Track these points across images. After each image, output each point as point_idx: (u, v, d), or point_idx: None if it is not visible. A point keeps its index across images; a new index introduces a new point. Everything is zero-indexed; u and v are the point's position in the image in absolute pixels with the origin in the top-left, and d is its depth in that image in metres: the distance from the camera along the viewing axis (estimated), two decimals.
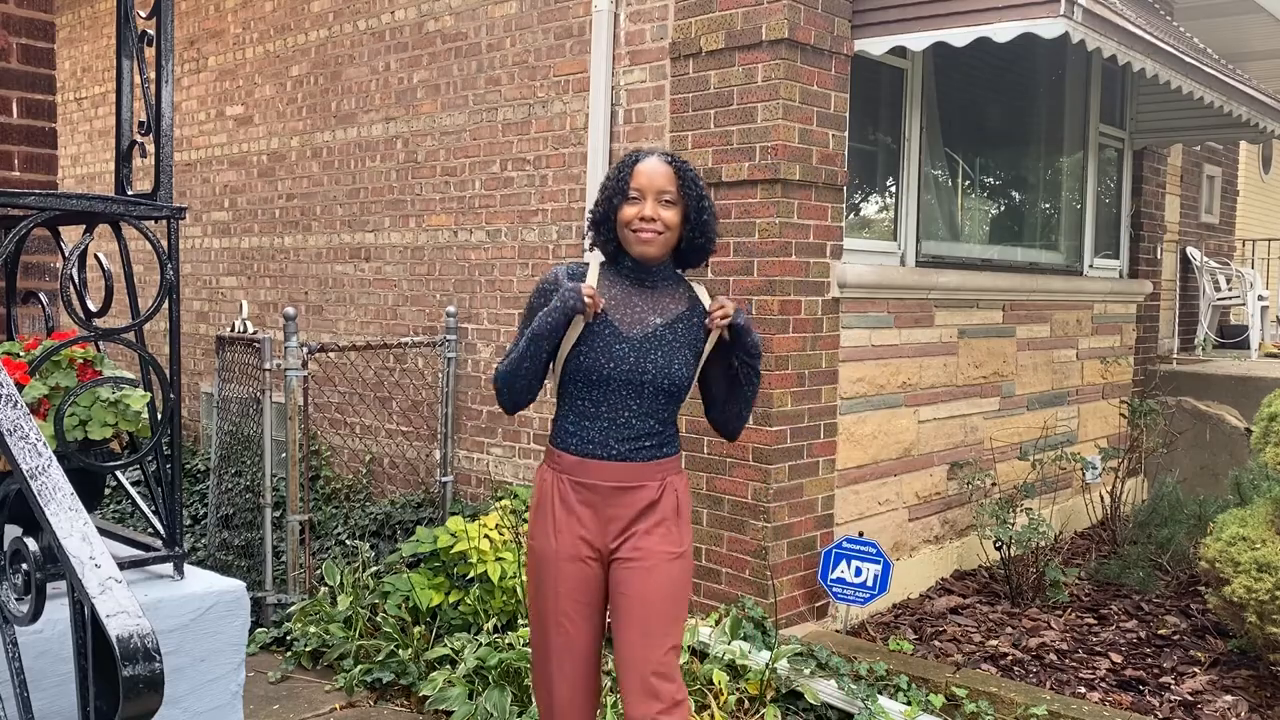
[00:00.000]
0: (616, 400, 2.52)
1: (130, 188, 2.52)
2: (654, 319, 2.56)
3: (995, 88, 5.90)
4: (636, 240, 2.51)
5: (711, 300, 2.62)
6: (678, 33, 4.58)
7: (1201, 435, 6.86)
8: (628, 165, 2.54)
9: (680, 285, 2.65)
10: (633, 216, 2.50)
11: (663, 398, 2.54)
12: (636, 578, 2.50)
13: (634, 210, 2.50)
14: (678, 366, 2.54)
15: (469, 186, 5.66)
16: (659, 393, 2.52)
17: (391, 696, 4.08)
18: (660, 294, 2.60)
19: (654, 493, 2.55)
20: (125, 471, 2.45)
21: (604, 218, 2.56)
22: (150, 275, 2.54)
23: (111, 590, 1.51)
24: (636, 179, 2.50)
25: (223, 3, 7.34)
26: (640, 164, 2.52)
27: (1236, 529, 4.05)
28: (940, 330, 5.23)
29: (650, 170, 2.50)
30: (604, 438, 2.52)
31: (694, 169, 2.58)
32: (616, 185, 2.53)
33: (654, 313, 2.57)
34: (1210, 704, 3.92)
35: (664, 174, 2.50)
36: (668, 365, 2.52)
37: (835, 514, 4.66)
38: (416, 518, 5.56)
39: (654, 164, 2.51)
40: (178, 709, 2.21)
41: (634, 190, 2.50)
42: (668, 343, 2.54)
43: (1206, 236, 9.35)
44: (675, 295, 2.62)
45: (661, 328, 2.55)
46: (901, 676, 3.90)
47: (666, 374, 2.52)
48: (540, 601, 2.60)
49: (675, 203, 2.52)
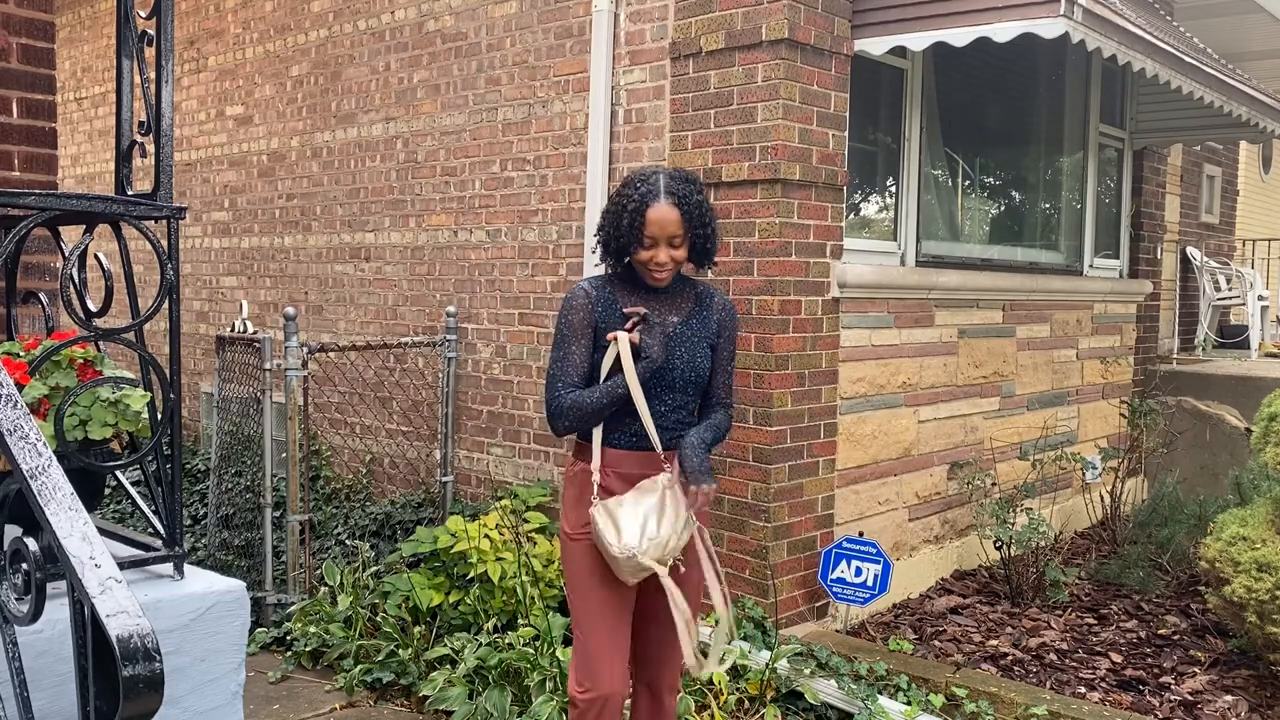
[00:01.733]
0: (652, 396, 2.70)
1: (130, 188, 2.52)
2: (672, 318, 2.77)
3: (995, 88, 5.90)
4: (651, 278, 2.73)
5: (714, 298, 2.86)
6: (678, 33, 4.58)
7: (1201, 435, 6.86)
8: (640, 212, 2.65)
9: (685, 283, 2.85)
10: (648, 259, 2.69)
11: (691, 390, 2.76)
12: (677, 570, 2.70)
13: (648, 255, 2.68)
14: (700, 359, 2.77)
15: (469, 186, 5.66)
16: (687, 385, 2.75)
17: (391, 696, 4.08)
18: (672, 295, 2.80)
19: None
20: (125, 471, 2.45)
21: (619, 252, 2.74)
22: (150, 275, 2.54)
23: (111, 590, 1.51)
24: (649, 228, 2.65)
25: (223, 3, 7.34)
26: (650, 212, 2.65)
27: (1236, 529, 4.05)
28: (940, 330, 5.23)
29: (661, 220, 2.65)
30: (644, 431, 2.69)
31: (698, 196, 2.72)
32: (630, 231, 2.66)
33: (671, 311, 2.78)
34: (1210, 704, 3.92)
35: (674, 220, 2.66)
36: (692, 359, 2.75)
37: (835, 514, 4.66)
38: (416, 518, 5.56)
39: (664, 212, 2.65)
40: (178, 709, 2.21)
41: (648, 238, 2.66)
42: (687, 338, 2.76)
43: (1206, 236, 9.35)
44: (684, 294, 2.83)
45: (679, 325, 2.76)
46: (901, 676, 3.90)
47: (692, 366, 2.75)
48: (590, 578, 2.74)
49: (685, 239, 2.70)
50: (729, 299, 2.93)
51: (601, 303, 2.72)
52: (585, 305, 2.70)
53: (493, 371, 5.56)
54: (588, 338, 2.70)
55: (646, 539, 2.58)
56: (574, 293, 2.74)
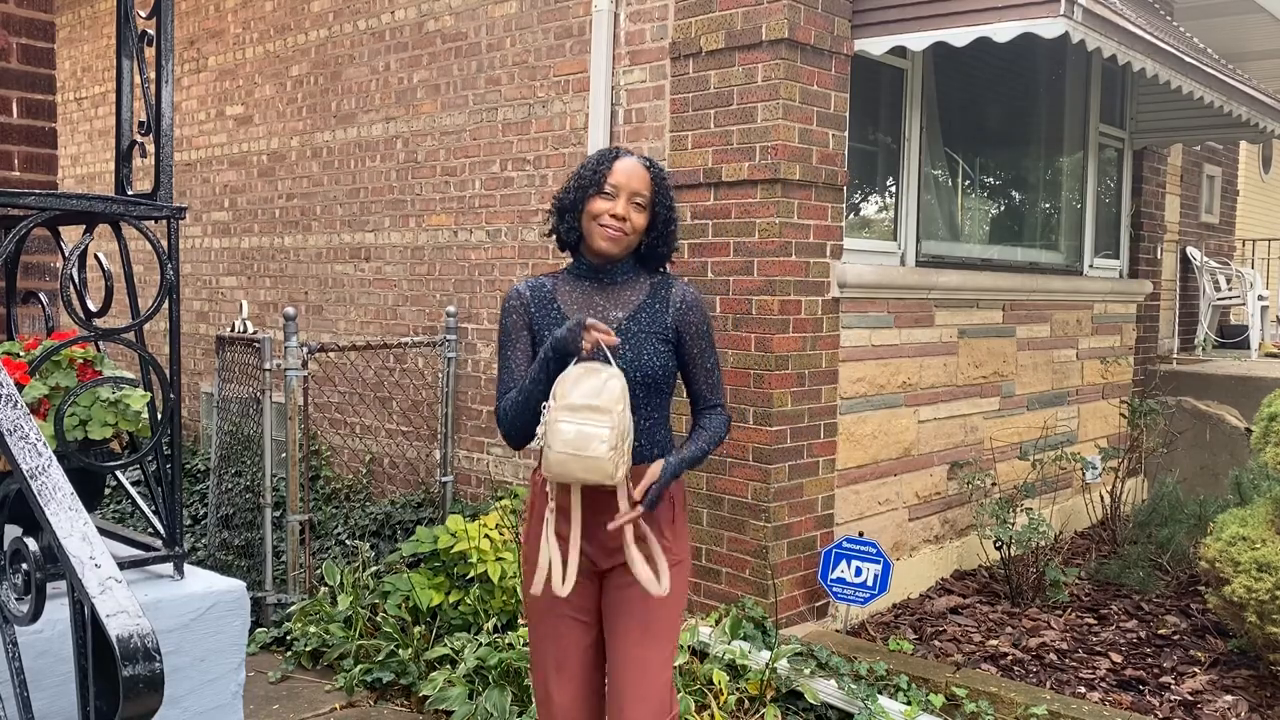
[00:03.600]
0: None
1: (130, 188, 2.52)
2: (616, 313, 2.53)
3: (995, 88, 5.90)
4: (602, 234, 2.49)
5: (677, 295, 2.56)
6: (678, 33, 4.58)
7: (1201, 435, 6.86)
8: (607, 160, 2.53)
9: (640, 276, 2.60)
10: (603, 211, 2.48)
11: (640, 391, 2.46)
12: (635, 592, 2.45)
13: (605, 205, 2.48)
14: (648, 356, 2.49)
15: (469, 186, 5.66)
16: (635, 386, 2.44)
17: (391, 696, 4.08)
18: (620, 288, 2.57)
19: None
20: (125, 471, 2.45)
21: (571, 206, 2.54)
22: (150, 275, 2.54)
23: (111, 590, 1.51)
24: (614, 175, 2.49)
25: (223, 3, 7.34)
26: (620, 161, 2.52)
27: (1236, 529, 4.05)
28: (940, 330, 5.23)
29: (629, 170, 2.51)
30: None
31: (668, 184, 2.59)
32: (593, 177, 2.50)
33: (615, 307, 2.54)
34: (1210, 704, 3.92)
35: (641, 177, 2.51)
36: (637, 357, 2.47)
37: (835, 514, 4.66)
38: (416, 518, 5.56)
39: (633, 165, 2.52)
40: (178, 709, 2.21)
41: (610, 186, 2.48)
42: (633, 334, 2.50)
43: (1206, 236, 9.35)
44: (634, 287, 2.58)
45: (624, 320, 2.52)
46: (901, 676, 3.90)
47: (637, 365, 2.46)
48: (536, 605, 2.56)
49: (645, 207, 2.52)
50: (693, 289, 2.61)
51: (537, 303, 2.55)
52: (519, 307, 2.55)
53: (492, 371, 5.56)
54: (524, 340, 2.53)
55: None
56: (507, 295, 2.59)
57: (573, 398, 2.30)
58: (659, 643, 2.50)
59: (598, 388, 2.30)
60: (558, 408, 2.31)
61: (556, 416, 2.30)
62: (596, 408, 2.28)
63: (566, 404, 2.30)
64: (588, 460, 2.27)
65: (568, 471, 2.31)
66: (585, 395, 2.29)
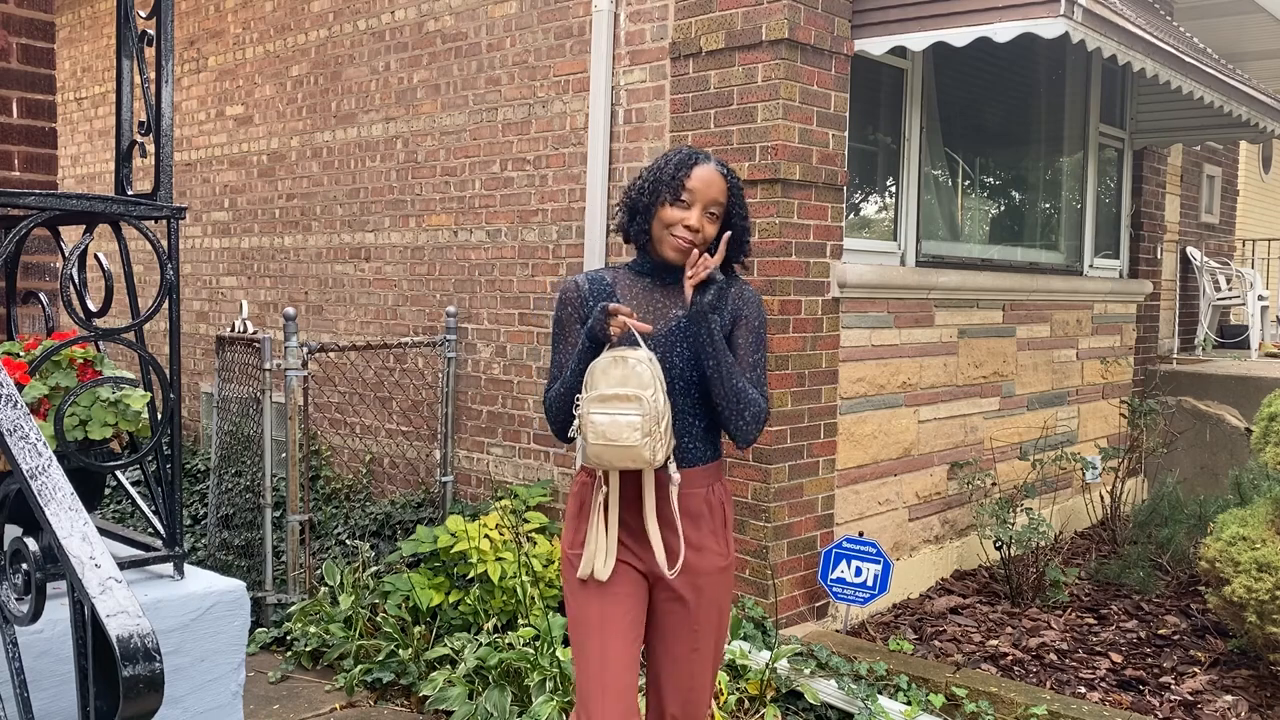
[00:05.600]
0: None
1: (130, 188, 2.52)
2: (676, 311, 2.47)
3: (995, 88, 5.90)
4: (673, 245, 2.41)
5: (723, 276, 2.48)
6: (678, 33, 4.58)
7: (1201, 435, 6.86)
8: (685, 164, 2.41)
9: None
10: (677, 220, 2.39)
11: (697, 392, 2.43)
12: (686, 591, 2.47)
13: (680, 214, 2.39)
14: None
15: (469, 186, 5.66)
16: (691, 387, 2.42)
17: (391, 696, 4.08)
18: (680, 289, 2.49)
19: (701, 501, 2.45)
20: (125, 471, 2.45)
21: (645, 209, 2.44)
22: (150, 275, 2.54)
23: (111, 590, 1.51)
24: (692, 181, 2.39)
25: (223, 3, 7.34)
26: (698, 168, 2.40)
27: (1236, 529, 4.05)
28: (940, 330, 5.23)
29: (707, 178, 2.40)
30: None
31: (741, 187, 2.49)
32: (670, 182, 2.40)
33: (676, 305, 2.47)
34: (1210, 704, 3.92)
35: (719, 186, 2.41)
36: (695, 355, 2.42)
37: (835, 514, 4.66)
38: (416, 518, 5.56)
39: (711, 173, 2.41)
40: (178, 709, 2.21)
41: (686, 193, 2.38)
42: (692, 334, 2.43)
43: (1206, 236, 9.35)
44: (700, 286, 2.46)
45: (685, 319, 2.45)
46: (901, 676, 3.90)
47: (695, 365, 2.42)
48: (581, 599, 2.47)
49: (718, 218, 2.44)
50: (754, 290, 2.55)
51: (595, 295, 2.48)
52: (574, 299, 2.48)
53: (492, 371, 5.56)
54: (575, 334, 2.47)
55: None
56: (565, 286, 2.51)
57: (602, 388, 2.30)
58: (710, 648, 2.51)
59: (625, 375, 2.29)
60: (589, 399, 2.31)
61: (589, 409, 2.30)
62: (626, 396, 2.27)
63: (597, 395, 2.30)
64: (623, 449, 2.27)
65: (606, 461, 2.31)
66: (614, 384, 2.29)
